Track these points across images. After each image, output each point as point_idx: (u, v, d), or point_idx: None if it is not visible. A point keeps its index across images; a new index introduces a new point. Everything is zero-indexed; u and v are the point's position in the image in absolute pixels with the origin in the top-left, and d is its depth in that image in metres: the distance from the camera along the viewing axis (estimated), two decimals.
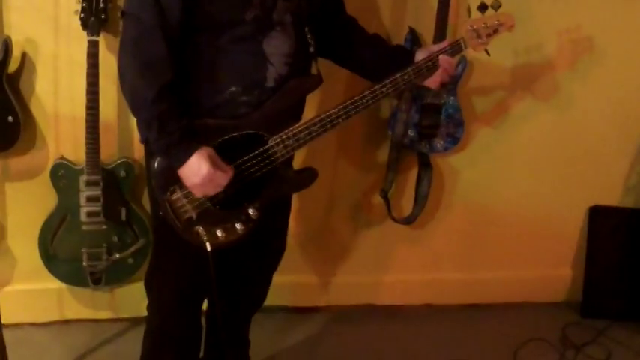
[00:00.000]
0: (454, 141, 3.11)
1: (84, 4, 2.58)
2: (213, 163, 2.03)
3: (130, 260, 2.90)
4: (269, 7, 2.07)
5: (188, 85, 2.08)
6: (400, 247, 3.42)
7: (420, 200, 3.19)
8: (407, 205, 3.27)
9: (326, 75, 2.25)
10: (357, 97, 2.18)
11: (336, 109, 2.17)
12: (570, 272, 3.64)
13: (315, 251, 3.35)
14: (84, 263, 2.83)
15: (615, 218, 3.52)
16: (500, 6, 2.29)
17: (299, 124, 2.16)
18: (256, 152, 2.13)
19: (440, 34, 2.88)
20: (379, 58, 2.37)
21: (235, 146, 2.10)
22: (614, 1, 3.19)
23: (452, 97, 3.03)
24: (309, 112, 2.30)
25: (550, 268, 3.64)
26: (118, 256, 2.85)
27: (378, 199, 3.21)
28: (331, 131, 2.18)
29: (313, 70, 2.27)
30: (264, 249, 2.49)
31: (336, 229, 3.34)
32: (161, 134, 2.00)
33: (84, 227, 2.80)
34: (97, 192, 2.75)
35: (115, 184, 2.81)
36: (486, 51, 2.38)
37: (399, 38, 2.96)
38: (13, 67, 2.71)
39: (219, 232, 2.14)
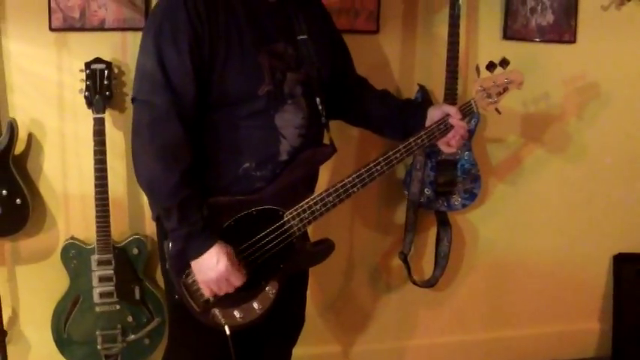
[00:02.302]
0: (472, 197, 3.06)
1: (88, 83, 2.60)
2: (232, 261, 1.98)
3: (146, 341, 2.82)
4: (279, 80, 2.07)
5: (201, 164, 2.04)
6: (423, 311, 3.36)
7: (441, 260, 3.13)
8: (427, 266, 3.22)
9: (337, 139, 2.23)
10: (371, 165, 2.15)
11: (351, 179, 2.13)
12: (598, 325, 3.57)
13: (336, 319, 3.28)
14: (98, 346, 2.76)
15: None
16: (508, 64, 2.28)
17: (314, 196, 2.13)
18: (272, 228, 2.08)
19: (450, 92, 2.87)
20: (391, 114, 2.36)
21: (250, 223, 2.06)
22: (615, 46, 3.25)
23: (467, 152, 3.00)
24: (322, 177, 2.29)
25: (577, 322, 3.56)
26: (133, 337, 2.78)
27: (397, 262, 3.15)
28: (346, 200, 2.15)
29: (326, 140, 2.24)
30: (283, 324, 2.39)
31: (356, 295, 3.27)
32: (181, 223, 1.95)
33: (97, 308, 2.74)
34: (109, 271, 2.70)
35: (127, 262, 2.75)
36: (497, 109, 2.34)
37: (408, 95, 2.98)
38: (19, 148, 2.71)
39: (237, 314, 2.08)
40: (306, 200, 2.11)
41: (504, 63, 2.28)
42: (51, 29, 2.69)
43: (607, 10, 3.18)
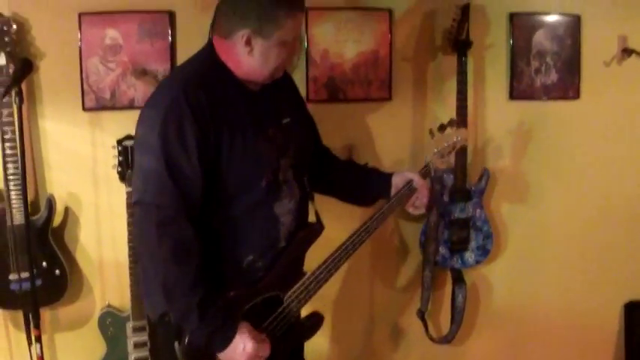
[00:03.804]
0: (485, 253, 3.16)
1: (120, 158, 2.72)
2: (256, 338, 2.01)
3: None
4: (276, 168, 2.12)
5: (208, 259, 2.02)
6: None
7: (457, 316, 3.20)
8: (445, 322, 3.28)
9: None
10: (353, 236, 2.25)
11: (338, 252, 2.21)
12: None
13: None
14: None
15: None
16: (456, 122, 2.53)
17: (307, 275, 2.19)
18: (275, 314, 2.13)
19: (460, 154, 2.99)
20: (358, 183, 2.45)
21: (257, 312, 2.09)
22: (618, 99, 3.33)
23: (478, 210, 3.11)
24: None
25: None
26: None
27: (416, 319, 3.20)
28: (335, 273, 2.23)
29: (311, 211, 2.31)
30: None
31: (377, 352, 3.32)
32: (203, 321, 1.95)
33: None
34: (144, 337, 2.78)
35: None
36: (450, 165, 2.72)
37: (421, 158, 2.94)
38: (57, 220, 2.85)
39: None
40: (302, 281, 2.17)
41: (453, 123, 2.50)
42: (84, 109, 2.85)
43: (609, 66, 3.28)
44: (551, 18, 3.20)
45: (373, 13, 3.02)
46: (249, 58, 2.03)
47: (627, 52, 3.27)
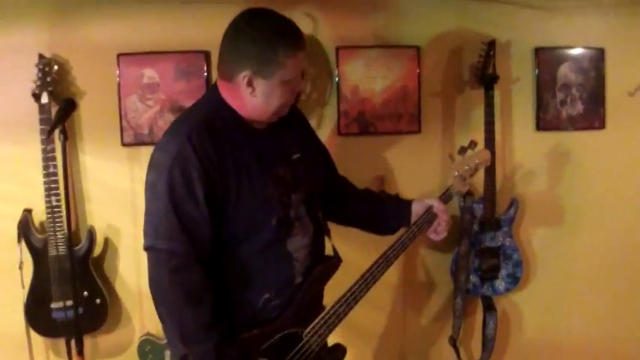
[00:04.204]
0: (515, 281, 3.21)
1: None
2: None
3: None
4: (287, 205, 2.12)
5: (222, 302, 2.04)
6: None
7: (488, 344, 3.24)
8: (476, 349, 3.32)
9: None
10: (373, 267, 2.22)
11: (357, 285, 2.19)
12: None
13: None
14: None
15: None
16: (476, 144, 2.46)
17: (327, 309, 2.17)
18: (295, 351, 2.12)
19: (489, 185, 3.06)
20: (377, 212, 2.43)
21: (275, 350, 2.09)
22: None
23: (508, 239, 3.16)
24: None
25: None
26: None
27: (447, 346, 3.25)
28: (355, 307, 2.20)
29: (328, 246, 2.30)
30: None
31: None
32: None
33: None
34: None
35: None
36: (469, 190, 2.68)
37: None
38: (97, 251, 2.95)
39: None
40: (321, 316, 2.16)
41: (473, 144, 2.45)
42: (123, 145, 2.97)
43: (633, 96, 3.34)
44: (576, 51, 3.27)
45: (401, 50, 3.11)
46: (252, 98, 2.05)
47: None
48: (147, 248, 2.02)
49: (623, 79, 3.33)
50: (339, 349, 2.32)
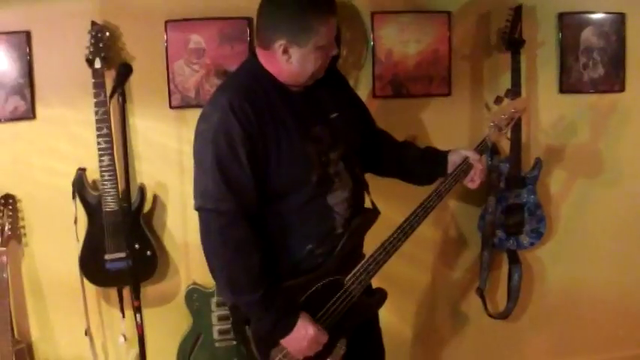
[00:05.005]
0: (538, 236, 3.36)
1: None
2: (315, 325, 2.15)
3: None
4: (325, 163, 2.20)
5: (268, 253, 2.16)
6: (499, 340, 3.58)
7: (513, 294, 3.40)
8: (501, 300, 3.47)
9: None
10: (410, 217, 2.29)
11: (395, 234, 2.27)
12: None
13: (422, 349, 3.52)
14: None
15: None
16: (514, 94, 2.52)
17: (367, 257, 2.26)
18: (337, 296, 2.23)
19: (515, 143, 3.21)
20: (415, 163, 2.48)
21: (318, 296, 2.21)
22: None
23: (532, 196, 3.31)
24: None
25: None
26: None
27: (474, 297, 3.42)
28: (393, 254, 2.28)
29: (366, 200, 2.38)
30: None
31: (438, 327, 3.53)
32: (268, 311, 2.11)
33: (216, 344, 3.08)
34: (226, 311, 2.97)
35: None
36: (507, 137, 2.70)
37: None
38: (146, 207, 3.11)
39: None
40: (361, 264, 2.25)
41: (510, 93, 2.48)
42: (171, 107, 3.10)
43: None
44: (598, 16, 3.40)
45: (433, 15, 3.24)
46: (288, 65, 2.14)
47: None
48: (197, 209, 2.17)
49: None
50: (381, 292, 2.41)
